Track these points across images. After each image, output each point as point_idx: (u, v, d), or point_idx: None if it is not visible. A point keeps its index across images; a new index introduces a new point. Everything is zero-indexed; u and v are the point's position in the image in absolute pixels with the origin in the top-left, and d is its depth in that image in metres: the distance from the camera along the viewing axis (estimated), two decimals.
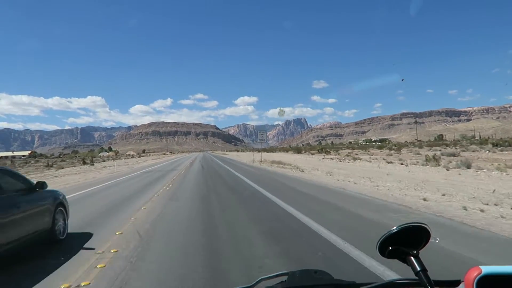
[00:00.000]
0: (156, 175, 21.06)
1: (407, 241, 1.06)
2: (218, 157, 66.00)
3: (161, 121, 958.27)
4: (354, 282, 1.16)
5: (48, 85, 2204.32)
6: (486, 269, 0.86)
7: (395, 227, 1.05)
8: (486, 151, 36.76)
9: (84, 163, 43.19)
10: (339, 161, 30.18)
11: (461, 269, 1.00)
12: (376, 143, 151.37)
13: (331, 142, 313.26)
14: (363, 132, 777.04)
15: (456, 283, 1.02)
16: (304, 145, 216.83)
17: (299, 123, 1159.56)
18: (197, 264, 4.25)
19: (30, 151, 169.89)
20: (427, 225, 1.06)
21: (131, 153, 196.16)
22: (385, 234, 1.05)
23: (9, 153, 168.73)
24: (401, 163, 22.20)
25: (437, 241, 1.22)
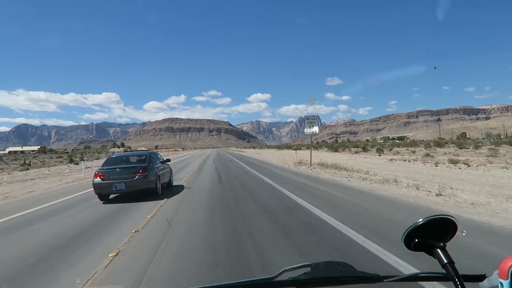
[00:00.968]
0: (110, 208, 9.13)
1: (433, 234, 1.03)
2: (235, 155, 53.64)
3: (175, 117, 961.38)
4: (377, 274, 1.08)
5: (64, 81, 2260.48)
6: None
7: (421, 219, 1.01)
8: None
9: (71, 161, 36.16)
10: (422, 164, 21.49)
11: None
12: (395, 141, 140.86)
13: (348, 139, 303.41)
14: (378, 129, 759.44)
15: (481, 277, 0.99)
16: (319, 143, 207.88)
17: None
18: None
19: (39, 146, 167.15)
20: (454, 218, 1.03)
21: (142, 149, 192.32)
22: (410, 226, 1.02)
23: (19, 148, 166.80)
24: None
25: (464, 234, 1.14)
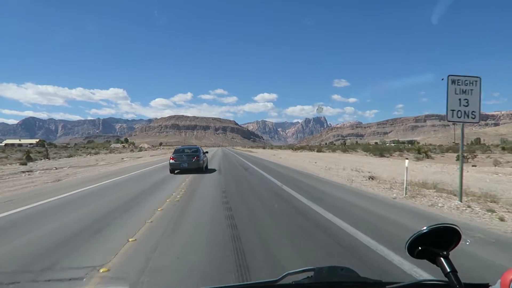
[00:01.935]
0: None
1: (437, 242, 1.04)
2: (246, 156, 39.51)
3: (181, 114, 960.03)
4: (380, 281, 1.12)
5: (72, 76, 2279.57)
6: None
7: (425, 227, 1.03)
8: None
9: (28, 159, 29.44)
10: (495, 175, 15.36)
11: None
12: (405, 145, 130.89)
13: (356, 142, 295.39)
14: (385, 133, 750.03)
15: (484, 286, 1.01)
16: (326, 144, 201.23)
17: (319, 121, 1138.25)
18: None
19: (38, 140, 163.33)
20: (458, 226, 1.03)
21: (144, 146, 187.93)
22: (414, 234, 1.04)
23: (16, 141, 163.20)
24: None
25: (467, 243, 1.19)
